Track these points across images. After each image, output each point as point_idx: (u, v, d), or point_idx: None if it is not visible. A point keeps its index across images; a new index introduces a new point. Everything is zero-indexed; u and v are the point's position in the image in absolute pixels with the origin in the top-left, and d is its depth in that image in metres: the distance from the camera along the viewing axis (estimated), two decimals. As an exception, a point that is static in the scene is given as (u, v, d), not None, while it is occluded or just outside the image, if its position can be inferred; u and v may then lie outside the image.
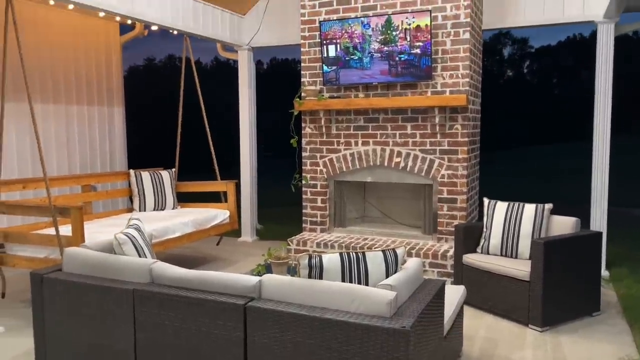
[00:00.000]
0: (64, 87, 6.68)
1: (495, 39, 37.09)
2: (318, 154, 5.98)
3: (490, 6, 5.78)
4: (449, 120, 5.36)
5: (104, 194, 5.94)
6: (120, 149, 7.55)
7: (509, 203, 4.55)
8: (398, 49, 5.33)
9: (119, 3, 5.05)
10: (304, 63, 5.97)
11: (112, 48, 7.40)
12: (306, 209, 6.10)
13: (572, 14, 5.48)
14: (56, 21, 6.48)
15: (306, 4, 5.87)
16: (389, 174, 5.71)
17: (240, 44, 7.04)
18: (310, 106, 5.82)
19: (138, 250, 3.14)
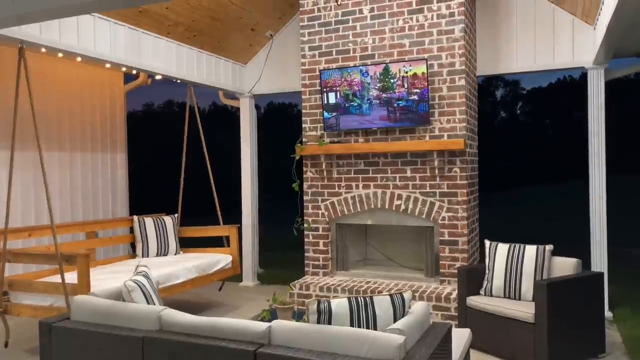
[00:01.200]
0: (69, 135, 6.81)
1: (488, 82, 37.93)
2: (319, 198, 6.07)
3: (484, 53, 6.01)
4: (448, 164, 5.48)
5: (107, 240, 5.97)
6: (122, 195, 7.62)
7: (510, 245, 4.61)
8: (396, 96, 5.51)
9: (126, 55, 5.24)
10: (305, 110, 6.14)
11: (116, 96, 7.59)
12: (308, 252, 6.13)
13: (563, 60, 5.70)
14: (63, 72, 6.67)
15: (307, 54, 6.09)
16: (390, 217, 5.78)
17: (241, 92, 7.24)
18: (312, 151, 5.94)
19: (147, 297, 3.17)
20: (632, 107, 23.22)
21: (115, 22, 5.07)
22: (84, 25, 4.73)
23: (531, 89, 41.67)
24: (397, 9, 5.62)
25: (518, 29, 5.84)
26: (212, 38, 6.37)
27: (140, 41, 5.44)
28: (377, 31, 5.72)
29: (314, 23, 6.02)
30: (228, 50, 6.80)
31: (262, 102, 30.79)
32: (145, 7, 5.13)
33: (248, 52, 7.12)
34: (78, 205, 6.90)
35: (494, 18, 5.92)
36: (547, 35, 5.73)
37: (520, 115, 42.78)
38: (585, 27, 5.54)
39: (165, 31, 5.69)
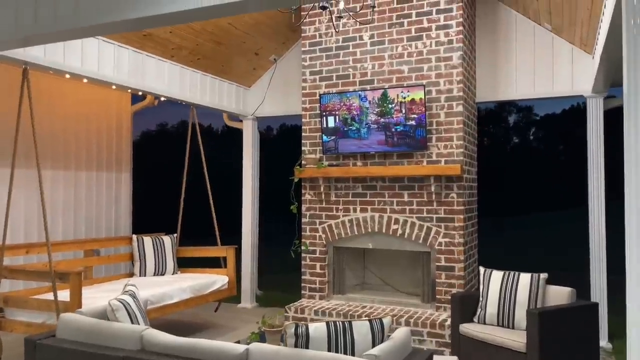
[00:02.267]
0: (75, 154, 6.94)
1: (501, 107, 37.91)
2: (317, 220, 6.08)
3: (483, 80, 6.04)
4: (445, 189, 5.48)
5: (105, 259, 6.02)
6: (125, 214, 7.70)
7: (504, 272, 4.57)
8: (394, 121, 5.55)
9: (130, 77, 5.37)
10: (305, 133, 6.20)
11: (123, 117, 7.73)
12: (305, 275, 6.12)
13: (562, 88, 5.71)
14: (71, 92, 6.82)
15: (307, 78, 6.18)
16: (388, 241, 5.77)
17: (245, 114, 7.35)
18: (310, 174, 5.98)
19: (131, 316, 3.19)
20: None
21: (119, 45, 5.21)
22: (89, 48, 4.87)
23: (544, 115, 41.55)
24: (396, 35, 5.71)
25: (518, 56, 5.88)
26: (216, 61, 6.50)
27: (144, 64, 5.57)
28: (377, 57, 5.80)
29: (315, 48, 6.12)
30: (232, 74, 6.92)
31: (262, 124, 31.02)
32: (149, 31, 5.26)
33: (252, 76, 7.24)
34: (81, 223, 6.98)
35: (494, 46, 5.97)
36: (546, 63, 5.76)
37: (533, 141, 42.59)
38: (584, 55, 5.56)
39: (169, 54, 5.83)
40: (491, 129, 42.73)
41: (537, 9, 5.43)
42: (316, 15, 6.04)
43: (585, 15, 4.66)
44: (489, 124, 41.99)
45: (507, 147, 42.57)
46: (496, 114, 40.61)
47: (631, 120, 2.32)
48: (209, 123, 29.95)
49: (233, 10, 3.30)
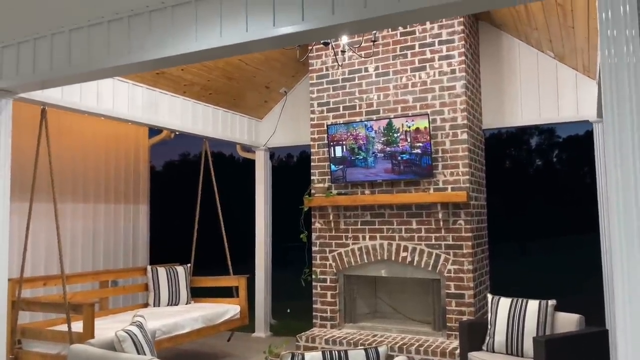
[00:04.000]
0: (94, 187, 7.17)
1: (522, 130, 37.66)
2: (327, 249, 6.14)
3: (489, 107, 6.11)
4: (452, 216, 5.51)
5: (121, 290, 6.17)
6: (143, 244, 7.88)
7: (512, 299, 4.55)
8: (400, 149, 5.64)
9: (144, 114, 5.60)
10: (314, 162, 6.33)
11: (140, 150, 7.98)
12: (316, 304, 6.16)
13: (567, 114, 5.74)
14: (90, 127, 7.10)
15: (315, 110, 6.34)
16: (397, 269, 5.79)
17: (257, 145, 7.53)
18: (319, 202, 6.08)
19: (137, 347, 3.29)
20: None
21: (133, 84, 5.46)
22: (104, 88, 5.12)
23: (567, 137, 41.05)
24: (400, 67, 5.84)
25: (522, 83, 5.94)
26: (228, 95, 6.73)
27: (158, 100, 5.81)
28: (382, 88, 5.93)
29: (322, 81, 6.30)
30: (243, 106, 7.13)
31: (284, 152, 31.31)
32: (162, 70, 5.51)
33: (263, 108, 7.45)
34: (100, 255, 7.17)
35: (498, 73, 6.06)
36: (551, 89, 5.81)
37: (556, 163, 42.01)
38: (588, 81, 5.60)
39: (182, 90, 6.06)
40: (513, 152, 42.38)
41: (539, 37, 5.51)
42: (322, 50, 6.23)
43: (584, 43, 4.73)
44: (510, 147, 41.67)
45: (529, 170, 42.09)
46: (517, 137, 40.31)
47: (614, 146, 2.37)
48: (230, 152, 30.47)
49: (237, 51, 3.45)
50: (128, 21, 3.45)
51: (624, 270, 2.31)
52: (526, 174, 39.20)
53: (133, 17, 3.44)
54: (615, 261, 2.36)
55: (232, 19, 3.15)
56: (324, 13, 2.92)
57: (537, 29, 5.32)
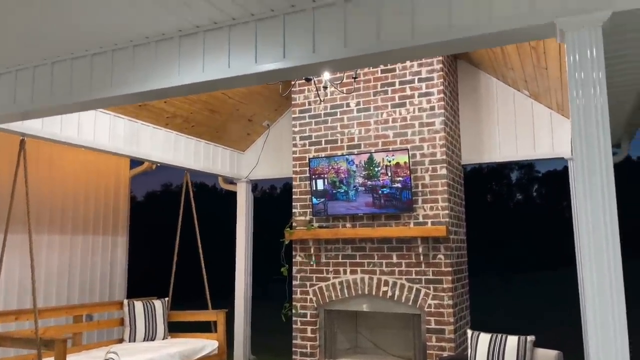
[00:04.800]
0: (71, 219, 7.07)
1: (502, 165, 38.30)
2: (308, 282, 6.10)
3: (468, 143, 6.23)
4: (432, 250, 5.54)
5: (95, 325, 6.02)
6: (121, 277, 7.73)
7: (492, 334, 4.55)
8: (380, 183, 5.70)
9: (125, 145, 5.60)
10: (295, 195, 6.35)
11: (121, 181, 7.93)
12: (296, 339, 6.07)
13: (543, 151, 5.88)
14: (70, 157, 7.05)
15: (297, 143, 6.40)
16: (379, 303, 5.77)
17: (239, 177, 7.53)
18: (300, 235, 6.07)
19: (109, 384, 3.20)
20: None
21: (115, 115, 5.47)
22: (85, 119, 5.12)
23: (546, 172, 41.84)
24: (381, 102, 5.96)
25: (500, 120, 6.09)
26: (210, 128, 6.76)
27: (139, 132, 5.81)
28: (363, 123, 6.03)
29: (304, 115, 6.38)
30: (226, 139, 7.16)
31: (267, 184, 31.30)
32: (146, 102, 5.53)
33: (246, 140, 7.49)
34: (75, 288, 7.01)
35: (477, 110, 6.21)
36: (527, 127, 5.96)
37: (536, 198, 42.64)
38: (562, 119, 5.77)
39: (164, 122, 6.08)
40: (494, 187, 42.97)
41: (514, 77, 5.70)
42: (305, 85, 6.34)
43: (557, 84, 4.90)
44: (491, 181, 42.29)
45: (510, 204, 42.63)
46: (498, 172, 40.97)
47: (583, 184, 2.43)
48: (213, 182, 30.39)
49: (219, 86, 3.51)
50: (112, 55, 3.49)
51: (595, 304, 2.35)
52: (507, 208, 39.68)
53: (117, 51, 3.49)
54: (587, 295, 2.40)
55: (214, 55, 3.21)
56: (305, 51, 3.00)
57: (512, 69, 5.50)
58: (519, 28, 2.61)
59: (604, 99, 2.44)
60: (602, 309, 2.31)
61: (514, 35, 2.75)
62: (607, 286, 2.31)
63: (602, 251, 2.35)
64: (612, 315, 2.30)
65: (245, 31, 3.15)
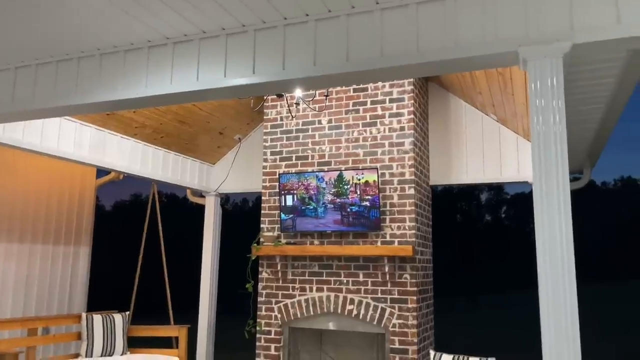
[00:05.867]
0: (32, 227, 6.85)
1: (472, 186, 38.92)
2: (273, 299, 6.03)
3: (436, 164, 6.31)
4: (398, 270, 5.55)
5: (51, 338, 5.82)
6: (81, 290, 7.50)
7: (454, 355, 4.56)
8: (349, 201, 5.71)
9: (91, 154, 5.48)
10: (264, 210, 6.31)
11: (86, 189, 7.74)
12: (259, 357, 5.97)
13: (509, 174, 6.00)
14: (33, 164, 6.85)
15: (268, 158, 6.38)
16: (344, 322, 5.73)
17: (208, 190, 7.45)
18: (267, 251, 6.02)
19: (59, 402, 3.08)
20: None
21: (81, 123, 5.36)
22: (49, 126, 4.99)
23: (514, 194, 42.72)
24: (352, 121, 6.00)
25: (468, 143, 6.20)
26: (180, 139, 6.68)
27: (106, 141, 5.71)
28: (334, 140, 6.05)
29: (276, 130, 6.37)
30: (196, 151, 7.09)
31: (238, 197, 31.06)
32: (113, 111, 5.44)
33: (216, 153, 7.43)
34: (32, 300, 6.76)
35: (446, 132, 6.31)
36: (494, 151, 6.08)
37: (504, 219, 43.44)
38: (527, 144, 5.90)
39: (132, 132, 5.99)
40: (464, 207, 43.63)
41: (483, 101, 5.82)
42: (277, 100, 6.34)
43: (523, 109, 5.03)
44: (461, 201, 42.93)
45: (479, 224, 43.29)
46: (468, 192, 41.65)
47: (541, 209, 2.49)
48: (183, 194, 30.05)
49: (188, 98, 3.48)
50: (78, 62, 3.44)
51: (550, 329, 2.39)
52: (476, 229, 40.27)
53: (83, 59, 3.43)
54: (542, 318, 2.44)
55: (183, 67, 3.19)
56: (274, 68, 3.00)
57: (481, 93, 5.62)
58: (484, 55, 2.67)
59: (563, 127, 2.51)
60: (557, 334, 2.35)
61: (480, 62, 2.82)
62: (561, 308, 2.36)
63: (558, 273, 2.41)
64: (566, 340, 2.34)
65: (216, 45, 3.14)
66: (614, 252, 28.85)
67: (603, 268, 26.82)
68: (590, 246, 26.07)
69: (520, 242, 31.81)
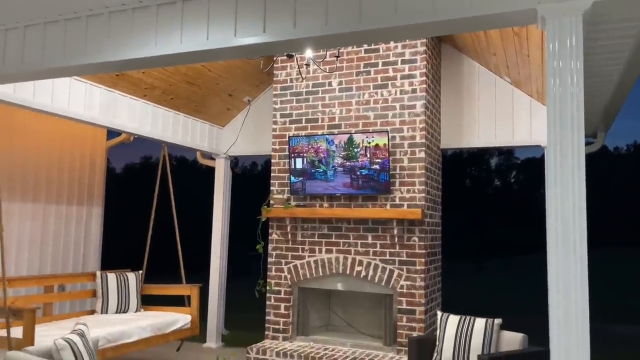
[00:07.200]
0: (45, 187, 6.93)
1: (482, 151, 38.60)
2: (283, 260, 6.12)
3: (448, 128, 6.25)
4: (407, 232, 5.58)
5: (67, 295, 5.97)
6: (95, 249, 7.64)
7: (460, 317, 4.63)
8: (359, 165, 5.70)
9: (101, 115, 5.48)
10: (274, 173, 6.32)
11: (97, 151, 7.78)
12: (269, 315, 6.11)
13: (522, 138, 5.94)
14: (45, 125, 6.87)
15: (278, 120, 6.34)
16: (352, 283, 5.82)
17: (218, 153, 7.46)
18: (277, 213, 6.06)
19: (77, 356, 3.18)
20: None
21: (91, 84, 5.34)
22: (59, 86, 4.98)
23: (525, 159, 42.37)
24: (363, 83, 5.92)
25: (480, 106, 6.12)
26: (190, 101, 6.65)
27: (116, 102, 5.69)
28: (344, 103, 5.99)
29: (286, 92, 6.31)
30: (205, 113, 7.06)
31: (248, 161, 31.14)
32: (122, 71, 5.40)
33: (226, 115, 7.40)
34: (48, 258, 6.91)
35: (458, 95, 6.22)
36: (507, 114, 6.00)
37: (514, 184, 43.26)
38: (541, 107, 5.81)
39: (142, 93, 5.96)
40: (473, 172, 43.43)
41: (497, 63, 5.70)
42: (287, 61, 6.26)
43: (538, 71, 4.92)
44: (471, 166, 42.71)
45: (488, 189, 43.18)
46: (478, 157, 41.35)
47: (554, 170, 2.47)
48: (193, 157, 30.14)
49: (197, 58, 3.45)
50: (86, 21, 3.39)
51: (559, 289, 2.40)
52: (485, 194, 40.18)
53: (92, 17, 3.38)
54: (550, 281, 2.45)
55: (193, 26, 3.13)
56: (285, 26, 2.94)
57: (495, 55, 5.50)
58: (501, 12, 2.59)
59: (580, 89, 2.46)
60: (566, 297, 2.36)
61: (496, 20, 2.74)
62: (571, 271, 2.36)
63: (569, 237, 2.40)
64: (575, 302, 2.36)
65: (226, 3, 3.07)
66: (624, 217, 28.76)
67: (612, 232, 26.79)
68: (601, 210, 25.99)
69: (529, 207, 31.78)
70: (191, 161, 26.35)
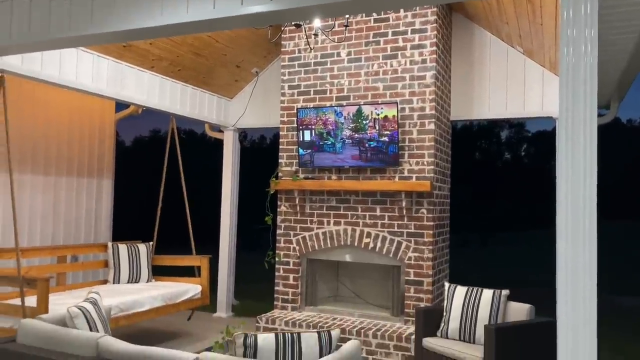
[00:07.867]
0: (56, 159, 6.98)
1: (493, 123, 38.20)
2: (292, 232, 6.16)
3: (458, 99, 6.18)
4: (415, 205, 5.58)
5: (79, 265, 6.07)
6: (106, 220, 7.74)
7: (468, 287, 4.66)
8: (368, 137, 5.67)
9: (108, 87, 5.46)
10: (282, 145, 6.31)
11: (106, 123, 7.80)
12: (278, 286, 6.19)
13: (533, 109, 5.86)
14: (54, 97, 6.88)
15: (286, 92, 6.29)
16: (360, 254, 5.86)
17: (226, 125, 7.44)
18: (286, 186, 6.08)
19: (90, 324, 3.25)
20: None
21: (99, 55, 5.31)
22: (67, 57, 4.96)
23: (536, 132, 41.89)
24: (372, 53, 5.84)
25: (491, 76, 6.02)
26: (197, 72, 6.61)
27: (124, 73, 5.67)
28: (353, 74, 5.92)
29: (294, 63, 6.24)
30: (213, 85, 7.02)
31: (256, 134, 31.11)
32: (129, 42, 5.36)
33: (233, 87, 7.35)
34: (60, 229, 7.02)
35: (469, 65, 6.12)
36: (518, 85, 5.90)
37: (525, 157, 42.91)
38: (554, 77, 5.71)
39: (149, 65, 5.92)
40: (483, 144, 43.07)
41: (509, 32, 5.58)
42: (295, 32, 6.17)
43: (551, 40, 4.81)
44: (481, 138, 42.33)
45: (498, 162, 42.88)
46: (488, 130, 40.95)
47: (565, 140, 2.44)
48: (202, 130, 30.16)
49: (204, 28, 3.39)
50: (91, -10, 3.34)
51: (567, 262, 2.40)
52: (494, 167, 39.95)
53: (97, -14, 3.33)
54: (559, 252, 2.44)
55: (199, -5, 3.08)
56: (293, -6, 2.88)
57: (507, 23, 5.38)
58: (514, -21, 2.52)
59: (594, 58, 2.40)
60: (574, 272, 2.36)
61: (509, -13, 2.66)
62: (580, 246, 2.35)
63: (579, 212, 2.38)
64: (583, 277, 2.35)
65: (232, -30, 3.01)
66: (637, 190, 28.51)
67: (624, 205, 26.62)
68: (612, 182, 25.76)
69: (540, 181, 31.58)
70: (200, 135, 26.33)
